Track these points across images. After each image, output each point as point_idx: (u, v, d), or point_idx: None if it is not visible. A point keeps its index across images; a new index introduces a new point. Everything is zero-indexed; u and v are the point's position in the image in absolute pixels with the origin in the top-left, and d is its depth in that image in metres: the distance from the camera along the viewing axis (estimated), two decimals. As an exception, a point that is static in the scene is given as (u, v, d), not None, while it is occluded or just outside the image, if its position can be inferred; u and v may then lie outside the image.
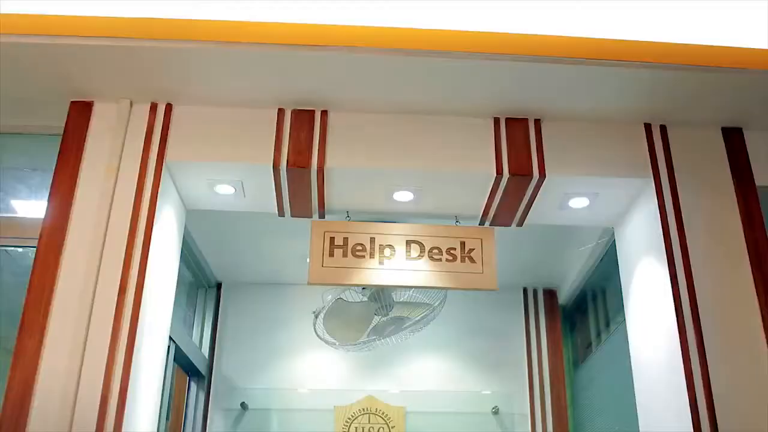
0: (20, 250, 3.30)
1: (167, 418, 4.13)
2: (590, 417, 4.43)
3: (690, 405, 2.64)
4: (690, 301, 2.85)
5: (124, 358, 2.74)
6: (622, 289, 3.44)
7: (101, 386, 2.68)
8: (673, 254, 2.95)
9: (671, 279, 2.90)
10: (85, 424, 2.61)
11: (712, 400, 2.62)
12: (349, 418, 4.59)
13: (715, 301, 2.84)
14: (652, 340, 3.05)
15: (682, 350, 2.76)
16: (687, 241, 2.96)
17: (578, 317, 4.84)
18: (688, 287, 2.88)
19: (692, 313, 2.82)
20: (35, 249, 2.90)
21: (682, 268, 2.92)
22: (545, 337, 4.86)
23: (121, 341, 2.76)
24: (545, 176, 3.11)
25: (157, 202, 3.01)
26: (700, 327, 2.79)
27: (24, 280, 2.84)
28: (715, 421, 2.57)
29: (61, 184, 2.99)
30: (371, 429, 4.57)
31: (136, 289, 2.85)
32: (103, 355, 2.72)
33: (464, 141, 3.19)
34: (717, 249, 2.95)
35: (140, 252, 2.92)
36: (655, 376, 3.00)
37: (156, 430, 3.18)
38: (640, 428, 3.10)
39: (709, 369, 2.69)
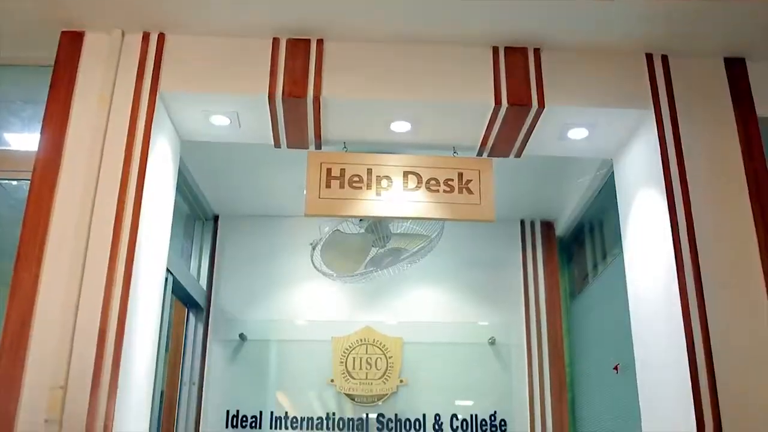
0: (14, 183, 3.27)
1: (166, 350, 4.17)
2: (586, 348, 4.48)
3: (686, 337, 2.65)
4: (688, 233, 2.83)
5: (121, 290, 2.74)
6: (620, 221, 3.43)
7: (99, 318, 2.68)
8: (672, 186, 2.93)
9: (670, 211, 2.89)
10: (84, 356, 2.63)
11: (708, 333, 2.63)
12: (346, 349, 4.63)
13: (714, 233, 2.83)
14: (650, 272, 3.06)
15: (679, 282, 2.76)
16: (686, 173, 2.94)
17: (575, 249, 4.85)
18: (686, 219, 2.86)
19: (690, 245, 2.81)
20: (29, 182, 2.88)
21: (681, 199, 2.90)
22: (542, 269, 4.87)
23: (118, 273, 2.75)
24: (544, 106, 3.07)
25: (152, 134, 2.98)
26: (698, 259, 2.78)
27: (19, 214, 2.82)
28: (711, 352, 2.59)
29: (54, 116, 2.95)
30: (369, 359, 4.62)
31: (132, 220, 2.84)
32: (101, 287, 2.73)
33: (463, 71, 3.13)
34: (716, 180, 2.93)
35: (135, 183, 2.89)
36: (652, 308, 3.01)
37: (155, 361, 3.21)
38: (636, 359, 3.12)
39: (705, 301, 2.70)
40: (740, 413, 2.35)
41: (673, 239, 2.83)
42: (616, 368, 3.81)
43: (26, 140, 3.34)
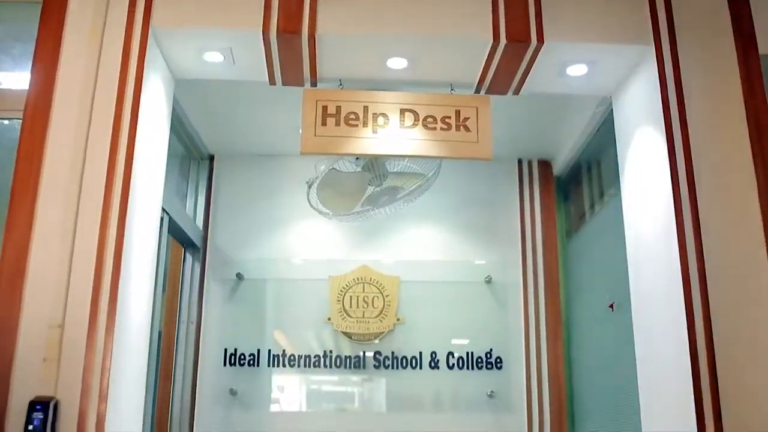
0: (6, 122, 3.23)
1: (164, 290, 4.18)
2: (582, 287, 4.50)
3: (682, 275, 2.65)
4: (687, 172, 2.81)
5: (116, 229, 2.73)
6: (618, 160, 3.40)
7: (95, 258, 2.68)
8: (671, 123, 2.90)
9: (669, 149, 2.86)
10: (81, 295, 2.63)
11: (705, 271, 2.63)
12: (343, 288, 4.65)
13: (713, 172, 2.80)
14: (647, 211, 3.04)
15: (676, 221, 2.75)
16: (686, 111, 2.90)
17: (572, 188, 4.83)
18: (685, 157, 2.83)
19: (689, 184, 2.78)
20: (21, 121, 2.84)
21: (681, 137, 2.86)
22: (539, 208, 4.86)
23: (112, 212, 2.74)
24: (543, 42, 3.02)
25: (144, 71, 2.93)
26: (696, 198, 2.76)
27: (12, 153, 2.80)
28: (707, 292, 2.59)
29: (44, 54, 2.90)
30: (365, 298, 4.64)
31: (125, 159, 2.81)
32: (95, 226, 2.71)
33: (461, 5, 3.07)
34: (716, 118, 2.89)
35: (128, 122, 2.86)
36: (649, 247, 3.00)
37: (152, 300, 3.22)
38: (632, 298, 3.14)
39: (703, 241, 2.68)
40: (733, 344, 2.36)
41: (672, 178, 2.81)
42: (611, 306, 3.83)
43: (17, 79, 3.28)
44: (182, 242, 4.57)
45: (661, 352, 2.78)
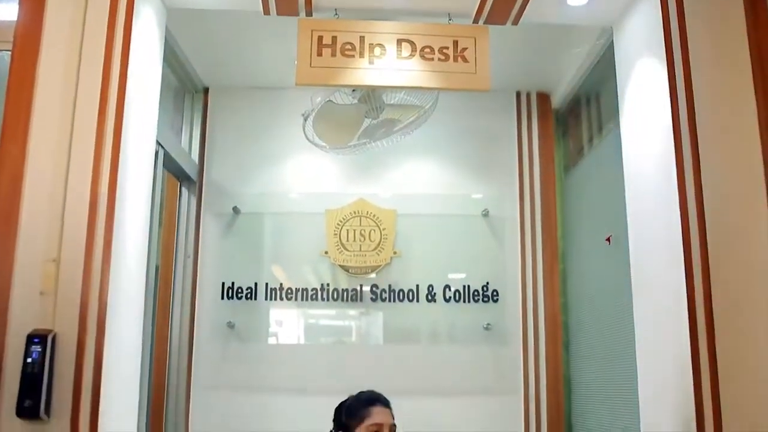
0: (-5, 54, 3.18)
1: (160, 225, 4.17)
2: (579, 221, 4.49)
3: (680, 209, 2.63)
4: (687, 104, 2.75)
5: (110, 162, 2.70)
6: (618, 93, 3.36)
7: (89, 191, 2.66)
8: (673, 55, 2.84)
9: (669, 80, 2.81)
10: (75, 228, 2.62)
11: (703, 206, 2.60)
12: (340, 221, 4.65)
13: (713, 106, 2.74)
14: (647, 144, 3.01)
15: (676, 154, 2.71)
16: (688, 42, 2.84)
17: (571, 122, 4.79)
18: (686, 89, 2.77)
19: (689, 116, 2.73)
20: (10, 53, 2.79)
21: (682, 70, 2.80)
22: (537, 141, 4.83)
23: (106, 145, 2.71)
24: (544, -31, 2.95)
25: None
26: (696, 130, 2.71)
27: (3, 86, 2.76)
28: (704, 224, 2.57)
29: (31, -18, 2.83)
30: (362, 232, 4.64)
31: (118, 91, 2.77)
32: (89, 160, 2.69)
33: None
34: (719, 50, 2.83)
35: (120, 53, 2.81)
36: (648, 180, 2.98)
37: (148, 235, 3.21)
38: (629, 231, 3.13)
39: (702, 174, 2.65)
40: (731, 280, 2.36)
41: (672, 110, 2.77)
42: (608, 240, 3.84)
43: (6, 10, 3.20)
44: (178, 176, 4.54)
45: (658, 284, 2.79)
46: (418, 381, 4.46)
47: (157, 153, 3.65)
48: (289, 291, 4.56)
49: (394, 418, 2.98)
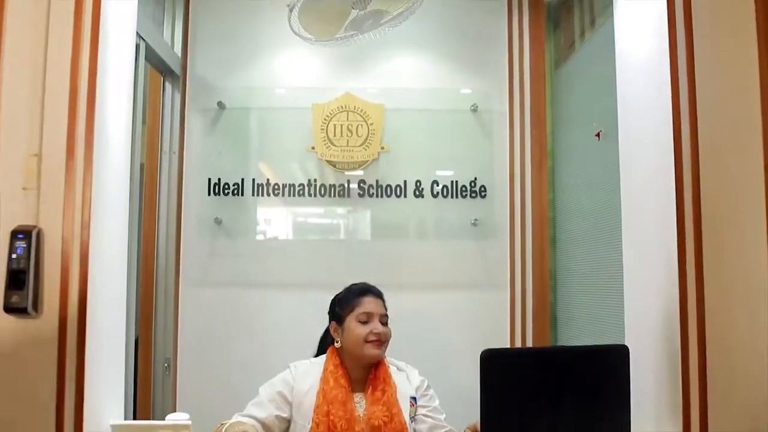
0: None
1: (143, 122, 4.11)
2: (569, 116, 4.45)
3: (672, 105, 2.58)
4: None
5: (89, 54, 2.62)
6: (612, -19, 3.26)
7: (68, 82, 2.58)
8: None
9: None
10: (56, 122, 2.56)
11: (696, 102, 2.54)
12: (327, 116, 4.58)
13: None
14: (640, 39, 2.93)
15: (669, 50, 2.62)
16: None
17: (563, 15, 4.68)
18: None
19: (685, 11, 2.61)
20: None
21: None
22: (527, 35, 4.72)
23: (84, 36, 2.62)
24: None
25: None
26: (692, 27, 2.58)
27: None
28: (696, 120, 2.52)
29: None
30: (350, 126, 4.58)
31: (94, -21, 2.66)
32: (67, 50, 2.59)
33: None
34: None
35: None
36: (640, 76, 2.92)
37: (131, 131, 3.15)
38: (620, 128, 3.09)
39: (696, 71, 2.56)
40: (721, 173, 2.34)
41: (668, 3, 2.68)
42: (597, 135, 3.81)
43: None
44: (161, 70, 4.44)
45: (646, 177, 2.77)
46: (406, 276, 4.51)
47: (138, 46, 3.55)
48: (276, 187, 4.54)
49: (386, 310, 3.02)
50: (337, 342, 3.01)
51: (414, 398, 2.92)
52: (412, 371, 3.03)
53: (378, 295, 3.06)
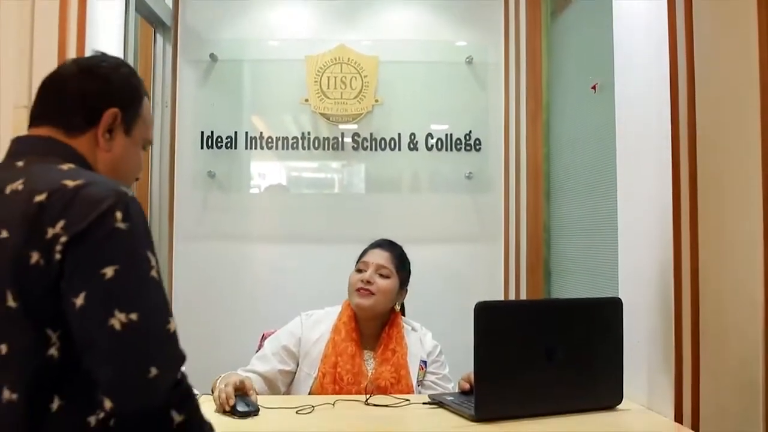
0: None
1: (135, 74, 4.05)
2: (565, 68, 4.40)
3: (670, 57, 2.56)
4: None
5: (78, 5, 2.58)
6: (610, -70, 3.20)
7: (57, 38, 2.56)
8: None
9: None
10: (45, 74, 2.53)
11: (693, 55, 2.51)
12: (321, 68, 4.54)
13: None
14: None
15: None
16: None
17: (559, -36, 4.61)
18: None
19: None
20: None
21: None
22: (524, -14, 4.67)
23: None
24: None
25: None
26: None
27: None
28: (693, 72, 2.50)
29: None
30: (344, 78, 4.54)
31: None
32: (55, 3, 2.56)
33: None
34: None
35: None
36: (638, 27, 2.89)
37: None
38: (616, 80, 3.06)
39: (693, 22, 2.53)
40: (716, 124, 2.33)
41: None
42: (594, 88, 3.77)
43: None
44: (151, 22, 4.37)
45: (642, 127, 2.76)
46: (400, 229, 4.47)
47: (127, -3, 3.50)
48: (270, 140, 4.51)
49: (393, 265, 2.93)
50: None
51: (424, 362, 2.87)
52: (426, 334, 2.97)
53: (386, 248, 2.97)
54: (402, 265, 2.97)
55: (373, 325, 2.88)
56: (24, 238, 1.30)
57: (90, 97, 1.55)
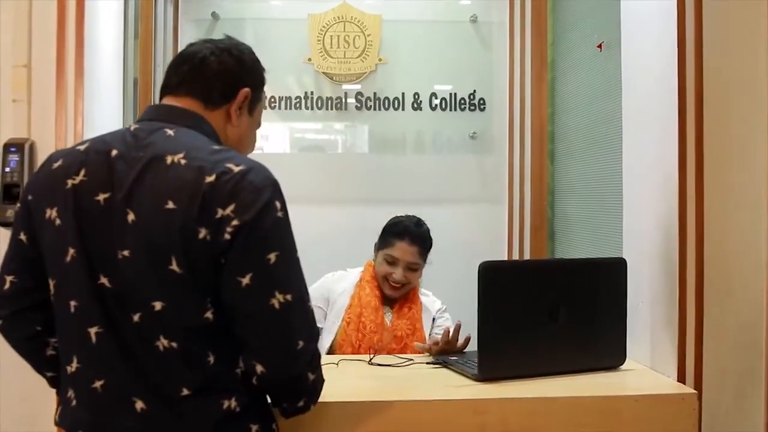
0: None
1: (136, 37, 4.01)
2: (570, 27, 4.35)
3: (677, 12, 2.52)
4: None
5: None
6: None
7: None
8: None
9: None
10: (44, 33, 2.50)
11: (701, 11, 2.48)
12: (323, 27, 4.49)
13: None
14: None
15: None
16: None
17: None
18: None
19: None
20: None
21: None
22: (529, -58, 4.60)
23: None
24: None
25: None
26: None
27: None
28: (702, 30, 2.46)
29: None
30: (347, 37, 4.49)
31: None
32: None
33: None
34: None
35: None
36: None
37: (123, 44, 3.09)
38: (622, 38, 3.02)
39: None
40: (725, 84, 2.30)
41: None
42: (600, 46, 3.73)
43: None
44: (152, -21, 4.32)
45: (649, 89, 2.73)
46: (404, 190, 4.49)
47: (127, -47, 3.44)
48: (273, 99, 4.48)
49: (422, 257, 3.11)
50: (374, 259, 3.19)
51: (434, 318, 3.17)
52: (435, 300, 3.27)
53: (415, 241, 3.07)
54: (428, 250, 3.16)
55: None
56: (193, 214, 1.43)
57: (229, 74, 1.70)
